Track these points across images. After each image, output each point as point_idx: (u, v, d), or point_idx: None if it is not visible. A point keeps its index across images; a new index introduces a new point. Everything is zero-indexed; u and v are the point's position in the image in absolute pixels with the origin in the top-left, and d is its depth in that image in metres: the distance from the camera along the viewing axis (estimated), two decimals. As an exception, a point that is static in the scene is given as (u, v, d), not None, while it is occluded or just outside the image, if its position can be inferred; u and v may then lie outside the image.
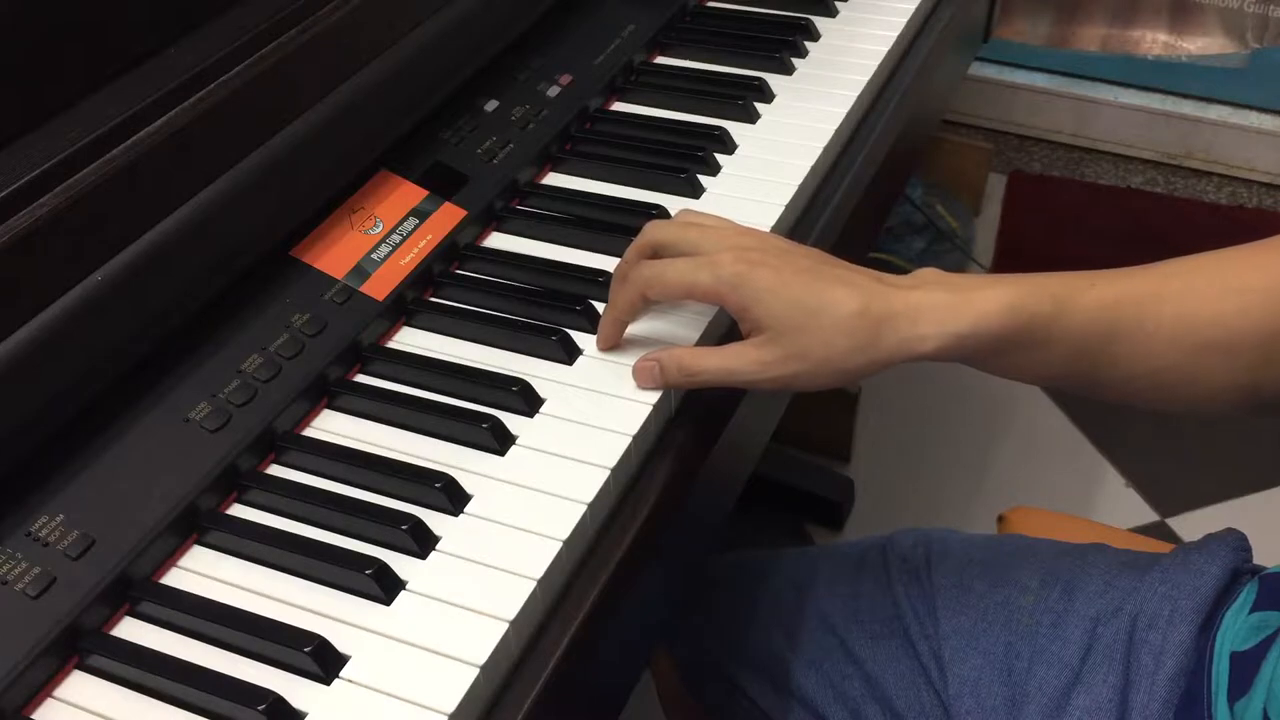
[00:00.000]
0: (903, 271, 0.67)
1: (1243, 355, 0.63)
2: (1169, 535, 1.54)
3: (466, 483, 0.63)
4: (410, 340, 0.72)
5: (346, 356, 0.69)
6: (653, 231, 0.68)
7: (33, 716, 0.54)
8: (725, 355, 0.64)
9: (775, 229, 0.78)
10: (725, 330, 0.72)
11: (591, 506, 0.61)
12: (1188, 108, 1.90)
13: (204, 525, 0.61)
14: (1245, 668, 0.66)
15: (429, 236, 0.76)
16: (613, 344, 0.69)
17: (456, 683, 0.53)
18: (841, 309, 0.62)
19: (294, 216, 0.72)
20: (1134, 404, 0.67)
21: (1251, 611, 0.69)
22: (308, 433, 0.66)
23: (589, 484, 0.62)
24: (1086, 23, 1.95)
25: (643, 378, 0.67)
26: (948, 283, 0.64)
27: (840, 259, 0.66)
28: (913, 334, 0.62)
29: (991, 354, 0.63)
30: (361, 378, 0.70)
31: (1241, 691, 0.65)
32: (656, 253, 0.68)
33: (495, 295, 0.74)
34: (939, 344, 0.62)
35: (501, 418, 0.65)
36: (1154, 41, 1.91)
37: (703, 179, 0.83)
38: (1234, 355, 0.63)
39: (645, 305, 0.68)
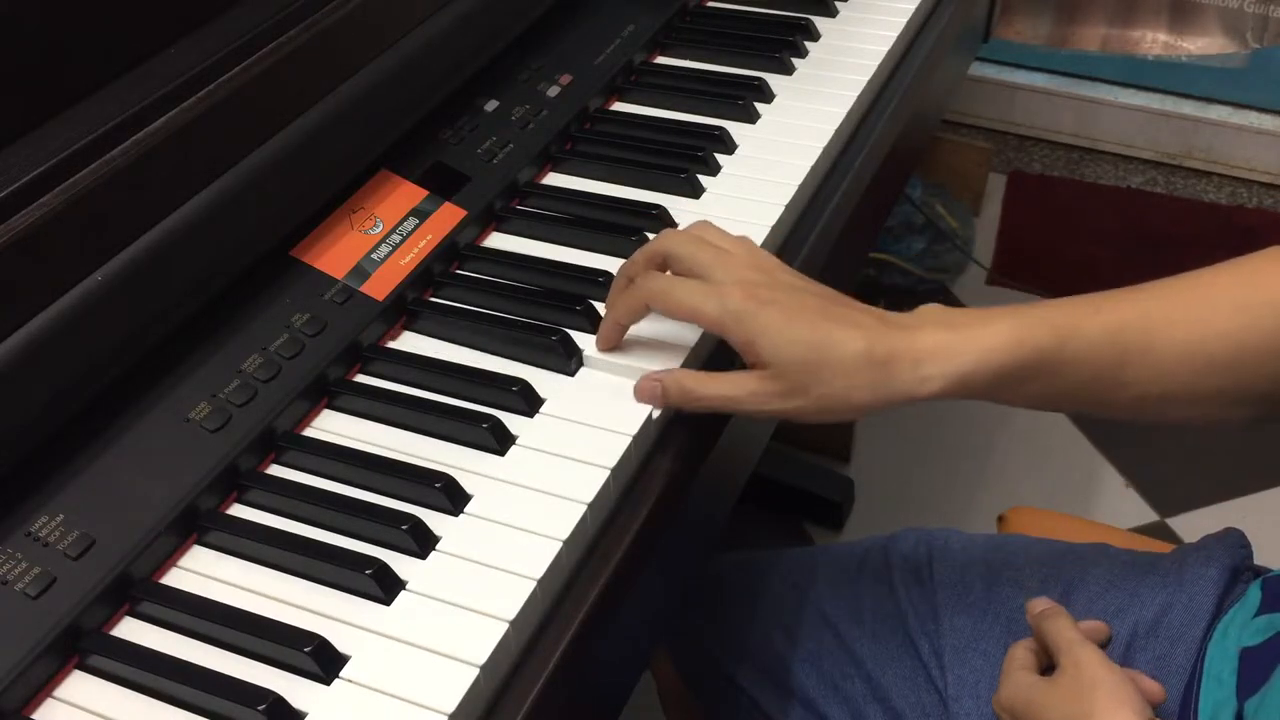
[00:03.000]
0: (903, 272, 0.67)
1: (1257, 369, 0.63)
2: (1169, 535, 1.54)
3: (466, 483, 0.63)
4: (410, 340, 0.72)
5: (346, 356, 0.69)
6: (667, 242, 0.67)
7: (33, 716, 0.54)
8: (728, 384, 0.65)
9: (775, 229, 0.78)
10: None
11: (591, 506, 0.61)
12: (1188, 108, 1.90)
13: (204, 525, 0.61)
14: (1256, 665, 0.66)
15: (429, 236, 0.76)
16: (612, 345, 0.69)
17: (456, 683, 0.53)
18: (846, 350, 0.62)
19: (294, 216, 0.72)
20: (1143, 422, 0.67)
21: (1257, 615, 0.69)
22: (308, 433, 0.66)
23: (589, 484, 0.62)
24: (1086, 23, 1.95)
25: (644, 396, 0.66)
26: (949, 321, 0.64)
27: (848, 297, 0.66)
28: (916, 376, 0.62)
29: (998, 389, 0.63)
30: (361, 378, 0.70)
31: (1252, 689, 0.65)
32: (666, 263, 0.67)
33: (495, 295, 0.74)
34: (943, 384, 0.62)
35: (501, 418, 0.65)
36: (1154, 41, 1.91)
37: (703, 179, 0.83)
38: (1246, 370, 0.63)
39: (647, 313, 0.68)
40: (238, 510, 0.63)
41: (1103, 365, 0.63)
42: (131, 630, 0.57)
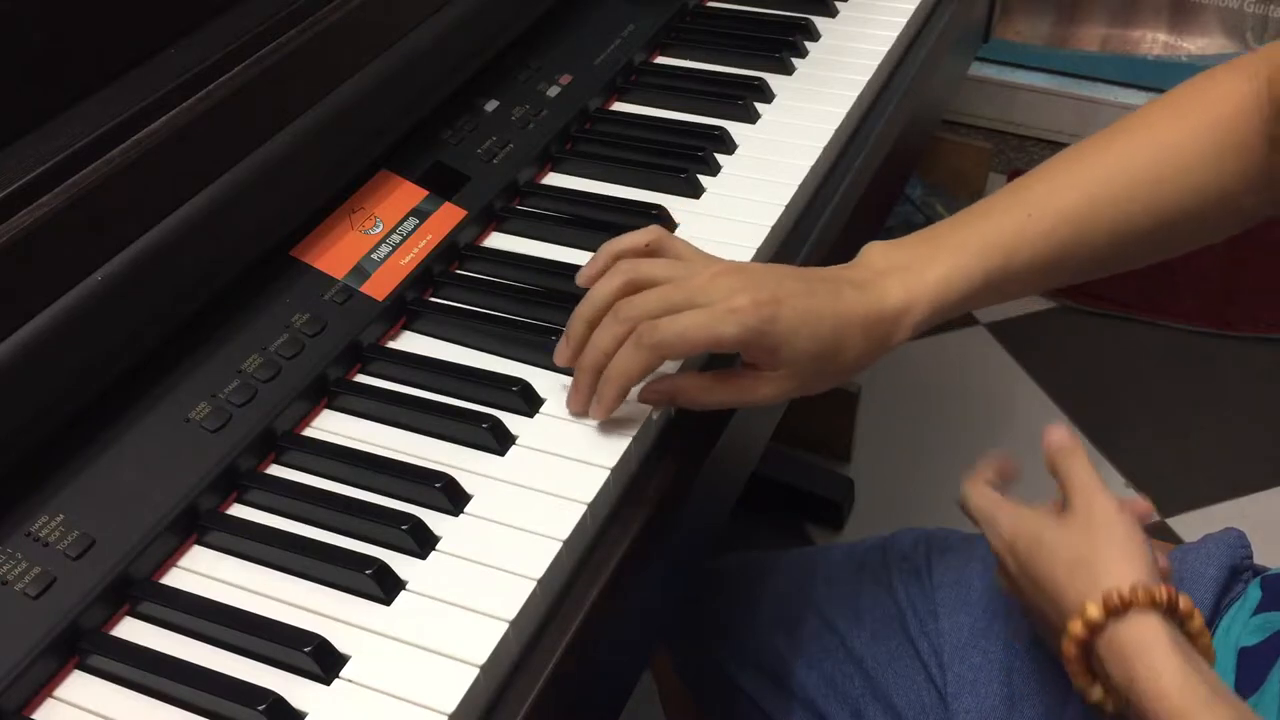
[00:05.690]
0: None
1: (1180, 233, 0.70)
2: (1169, 535, 1.54)
3: (466, 483, 0.63)
4: (410, 340, 0.72)
5: (346, 356, 0.69)
6: (632, 271, 0.65)
7: (33, 716, 0.54)
8: (738, 391, 0.65)
9: (775, 229, 0.78)
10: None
11: (591, 506, 0.61)
12: (1188, 108, 1.90)
13: (204, 525, 0.61)
14: (1254, 664, 0.66)
15: (429, 236, 0.76)
16: (614, 412, 0.65)
17: (457, 683, 0.53)
18: (851, 333, 0.64)
19: (294, 216, 0.72)
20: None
21: (1256, 613, 0.69)
22: (308, 433, 0.66)
23: (589, 484, 0.62)
24: (1086, 23, 1.95)
25: (655, 404, 0.66)
26: (900, 265, 0.67)
27: (800, 268, 0.68)
28: (894, 329, 0.66)
29: (955, 312, 0.68)
30: (361, 378, 0.70)
31: (1252, 688, 0.65)
32: (633, 289, 0.65)
33: (495, 295, 0.74)
34: (912, 331, 0.67)
35: (501, 418, 0.65)
36: (1154, 41, 1.91)
37: (703, 179, 0.83)
38: (1171, 235, 0.70)
39: (659, 366, 0.65)
40: (238, 510, 0.63)
41: (1045, 266, 0.68)
42: (131, 630, 0.57)
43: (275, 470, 0.65)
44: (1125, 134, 0.71)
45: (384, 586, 0.57)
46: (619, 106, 0.92)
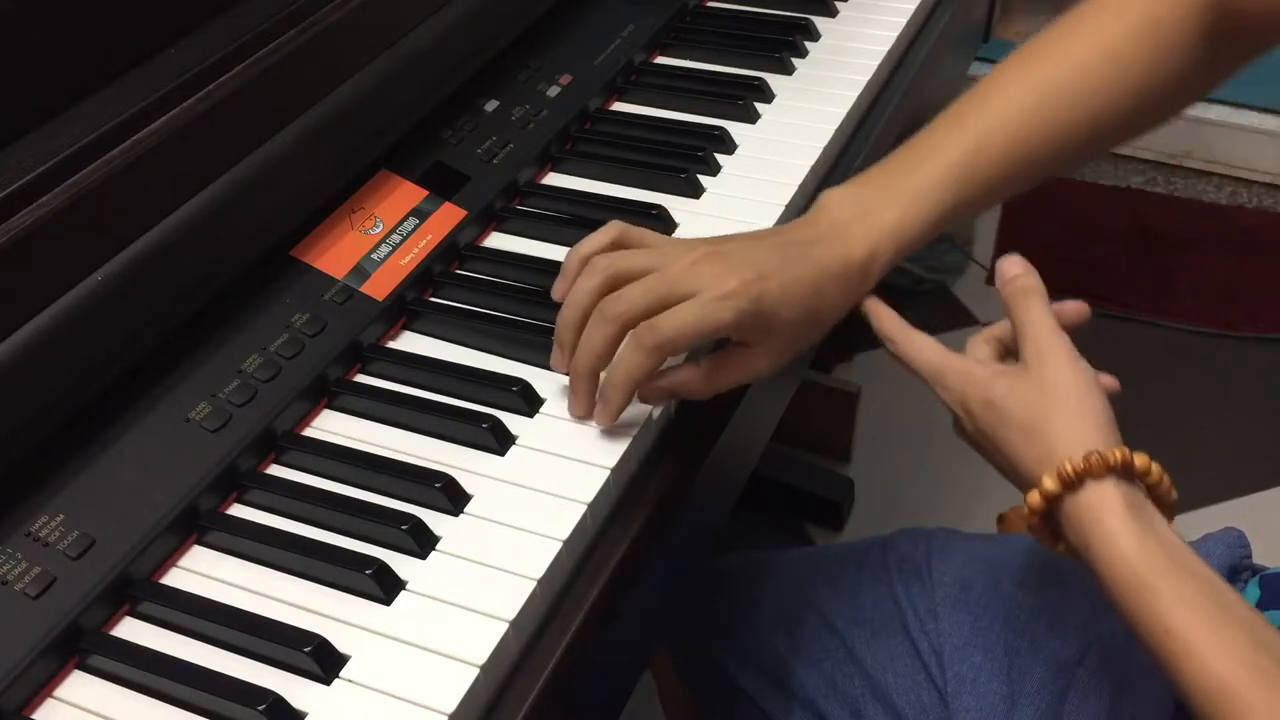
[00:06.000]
0: (903, 272, 0.68)
1: (1118, 132, 0.72)
2: (1169, 535, 1.54)
3: (466, 483, 0.63)
4: (410, 340, 0.72)
5: (346, 356, 0.69)
6: (609, 267, 0.64)
7: (33, 716, 0.54)
8: (737, 370, 0.65)
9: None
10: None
11: (591, 506, 0.61)
12: (1188, 108, 1.90)
13: (204, 525, 0.61)
14: None
15: (429, 236, 0.76)
16: (620, 416, 0.65)
17: (457, 683, 0.53)
18: (829, 293, 0.65)
19: (294, 216, 0.72)
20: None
21: (1254, 612, 0.69)
22: (308, 433, 0.66)
23: (589, 484, 0.62)
24: (1086, 23, 1.94)
25: (656, 402, 0.66)
26: (858, 217, 0.67)
27: (768, 230, 0.70)
28: (864, 276, 0.67)
29: (924, 243, 0.69)
30: (361, 378, 0.70)
31: None
32: (619, 283, 0.64)
33: (495, 295, 0.74)
34: (880, 275, 0.68)
35: (501, 418, 0.65)
36: (1154, 41, 1.90)
37: (703, 179, 0.83)
38: (1112, 136, 0.72)
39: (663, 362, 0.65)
40: (238, 510, 0.63)
41: (994, 190, 0.70)
42: (131, 630, 0.57)
43: (275, 470, 0.65)
44: (1063, 39, 0.71)
45: (384, 586, 0.57)
46: (619, 106, 0.92)
